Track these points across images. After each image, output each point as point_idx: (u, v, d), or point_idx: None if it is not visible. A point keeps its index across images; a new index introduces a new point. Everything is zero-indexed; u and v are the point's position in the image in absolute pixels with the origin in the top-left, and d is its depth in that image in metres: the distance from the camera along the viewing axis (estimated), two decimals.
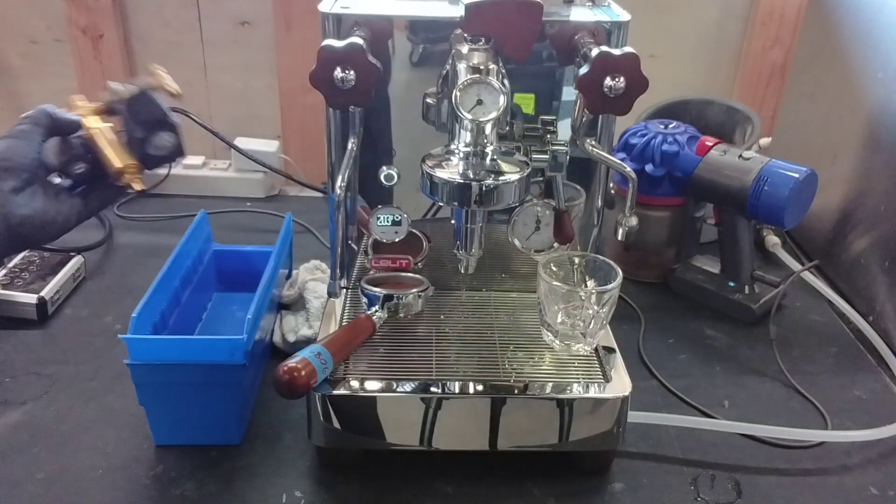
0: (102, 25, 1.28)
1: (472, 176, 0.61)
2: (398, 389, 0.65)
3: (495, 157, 0.62)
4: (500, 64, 0.63)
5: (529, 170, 0.63)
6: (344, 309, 0.77)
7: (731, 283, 0.96)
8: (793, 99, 1.22)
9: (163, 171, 1.21)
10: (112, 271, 1.01)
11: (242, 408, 0.72)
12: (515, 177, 0.61)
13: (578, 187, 0.77)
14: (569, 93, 0.72)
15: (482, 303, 0.79)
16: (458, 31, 0.64)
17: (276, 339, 0.83)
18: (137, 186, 0.67)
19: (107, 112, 0.67)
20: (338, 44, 0.59)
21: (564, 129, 0.71)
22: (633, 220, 0.67)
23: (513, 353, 0.70)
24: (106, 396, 0.77)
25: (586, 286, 0.71)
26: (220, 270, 0.92)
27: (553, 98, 0.73)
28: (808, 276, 0.95)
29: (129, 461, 0.69)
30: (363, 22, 0.66)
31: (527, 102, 0.73)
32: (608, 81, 0.59)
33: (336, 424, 0.65)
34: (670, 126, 0.98)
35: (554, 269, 0.71)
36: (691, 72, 1.34)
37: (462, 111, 0.60)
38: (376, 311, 0.72)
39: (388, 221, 0.74)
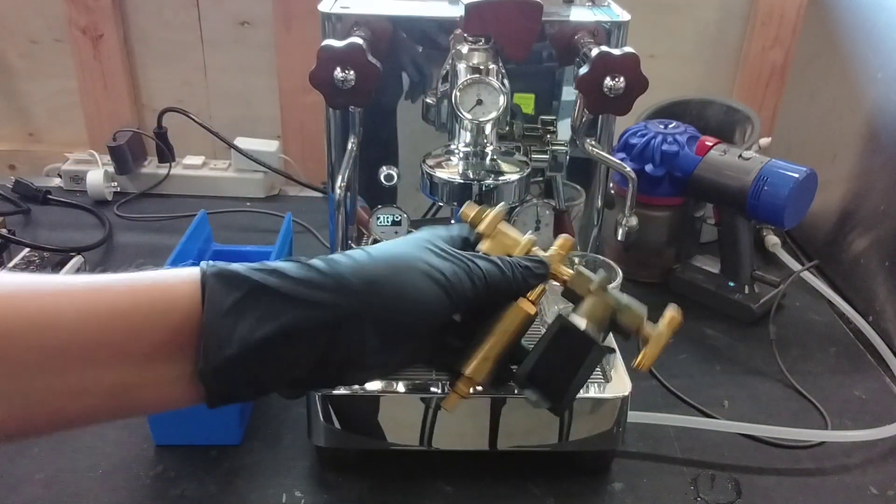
0: (102, 25, 1.28)
1: (471, 176, 0.61)
2: (398, 389, 0.65)
3: (495, 156, 0.62)
4: (500, 64, 0.63)
5: (529, 170, 0.63)
6: None
7: (731, 283, 0.96)
8: (793, 99, 1.22)
9: (163, 170, 1.21)
10: (112, 271, 1.00)
11: (242, 408, 0.72)
12: (515, 177, 0.61)
13: (578, 187, 0.77)
14: (569, 93, 0.72)
15: None
16: (458, 31, 0.64)
17: None
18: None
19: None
20: (338, 44, 0.59)
21: (564, 129, 0.71)
22: (633, 220, 0.67)
23: None
24: None
25: None
26: None
27: (553, 98, 0.73)
28: (808, 276, 0.95)
29: (129, 461, 0.69)
30: (363, 22, 0.66)
31: (527, 102, 0.73)
32: (608, 81, 0.59)
33: (336, 424, 0.65)
34: (670, 126, 0.98)
35: None
36: (691, 72, 1.34)
37: (462, 111, 0.60)
38: None
39: (388, 221, 0.74)
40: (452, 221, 0.69)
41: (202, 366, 0.38)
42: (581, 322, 0.49)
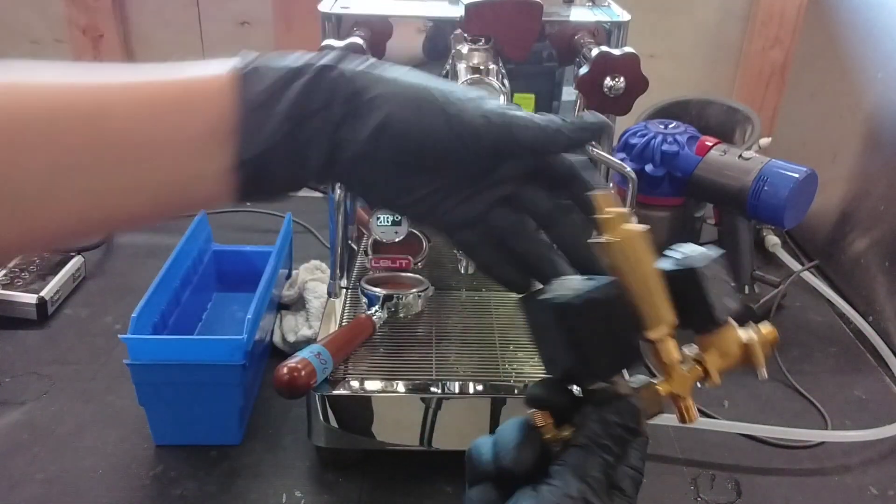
0: (102, 26, 1.28)
1: None
2: (398, 389, 0.65)
3: None
4: (500, 64, 0.63)
5: None
6: (344, 309, 0.77)
7: (731, 283, 0.96)
8: (793, 99, 1.22)
9: None
10: (112, 271, 1.01)
11: (242, 408, 0.72)
12: None
13: None
14: (569, 93, 0.72)
15: (482, 303, 0.79)
16: (458, 31, 0.64)
17: (276, 339, 0.83)
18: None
19: None
20: (338, 44, 0.59)
21: None
22: (633, 220, 0.67)
23: (513, 353, 0.70)
24: (106, 396, 0.77)
25: None
26: (219, 270, 0.92)
27: (553, 98, 0.73)
28: (808, 277, 0.95)
29: (130, 461, 0.69)
30: (363, 22, 0.66)
31: (526, 103, 0.73)
32: (608, 81, 0.59)
33: (336, 424, 0.65)
34: (670, 126, 0.98)
35: None
36: (691, 72, 1.34)
37: None
38: (376, 311, 0.72)
39: (388, 221, 0.74)
40: None
41: (241, 157, 0.39)
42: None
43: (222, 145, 0.39)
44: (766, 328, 0.43)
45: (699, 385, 0.43)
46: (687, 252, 0.41)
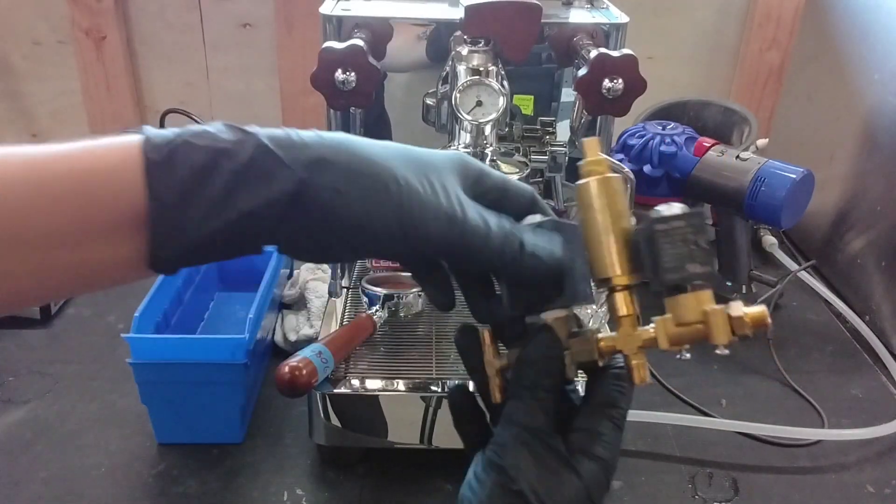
0: (105, 27, 1.28)
1: None
2: (398, 388, 0.66)
3: (495, 157, 0.63)
4: (500, 65, 0.63)
5: (529, 170, 0.64)
6: (345, 308, 0.77)
7: (729, 283, 0.96)
8: (790, 100, 1.22)
9: None
10: None
11: (244, 406, 0.72)
12: (515, 177, 0.62)
13: None
14: (568, 94, 0.73)
15: None
16: (458, 32, 0.65)
17: (278, 338, 0.84)
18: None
19: None
20: (339, 46, 0.60)
21: (563, 131, 0.72)
22: (632, 221, 0.68)
23: None
24: (109, 395, 0.78)
25: None
26: (221, 270, 0.92)
27: (552, 99, 0.74)
28: (805, 276, 0.95)
29: (132, 459, 0.70)
30: (364, 24, 0.67)
31: (526, 104, 0.73)
32: (606, 83, 0.59)
33: (337, 423, 0.66)
34: (668, 127, 0.99)
35: None
36: (689, 73, 1.35)
37: (462, 112, 0.61)
38: (377, 310, 0.72)
39: None
40: None
41: (153, 256, 0.36)
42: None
43: (134, 238, 0.35)
44: (753, 309, 0.39)
45: (679, 355, 0.43)
46: (662, 208, 0.39)
